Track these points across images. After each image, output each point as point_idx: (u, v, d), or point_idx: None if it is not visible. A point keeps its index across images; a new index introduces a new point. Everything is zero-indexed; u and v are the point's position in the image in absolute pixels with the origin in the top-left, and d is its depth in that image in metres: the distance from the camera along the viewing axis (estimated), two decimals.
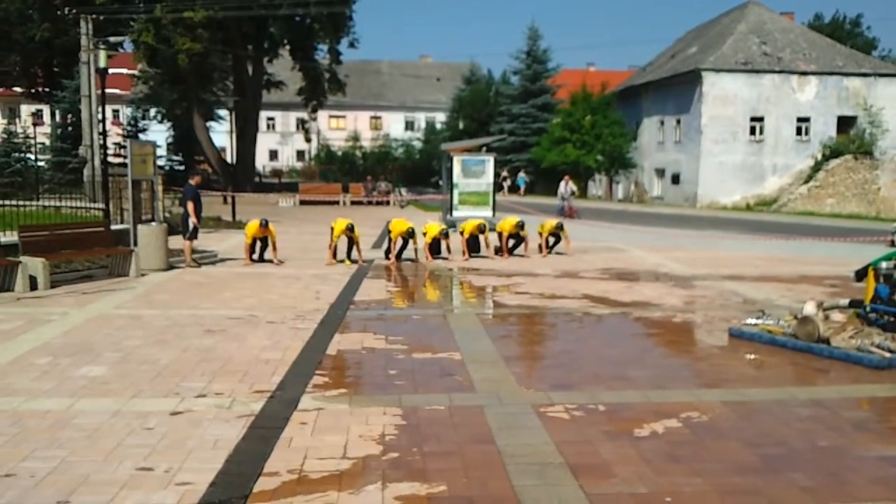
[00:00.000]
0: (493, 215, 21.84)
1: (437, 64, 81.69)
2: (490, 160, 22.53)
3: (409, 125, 76.78)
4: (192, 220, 14.70)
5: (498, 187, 37.14)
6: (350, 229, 15.81)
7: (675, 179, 44.48)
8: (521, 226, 17.31)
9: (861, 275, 9.96)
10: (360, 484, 4.82)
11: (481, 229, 17.25)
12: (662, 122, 46.66)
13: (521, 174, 36.47)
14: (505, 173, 40.20)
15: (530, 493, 4.69)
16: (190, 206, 14.75)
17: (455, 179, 22.17)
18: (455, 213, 22.00)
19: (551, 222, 18.36)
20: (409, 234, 16.18)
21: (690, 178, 42.70)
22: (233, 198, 27.93)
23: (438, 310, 11.16)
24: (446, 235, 16.70)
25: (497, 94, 57.21)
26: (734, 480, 4.97)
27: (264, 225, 15.56)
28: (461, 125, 56.05)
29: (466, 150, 24.07)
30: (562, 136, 45.47)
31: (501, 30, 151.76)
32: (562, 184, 33.34)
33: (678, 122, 44.50)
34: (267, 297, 11.72)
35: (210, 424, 5.86)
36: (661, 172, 46.59)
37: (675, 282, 14.13)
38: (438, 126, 67.62)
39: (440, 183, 27.85)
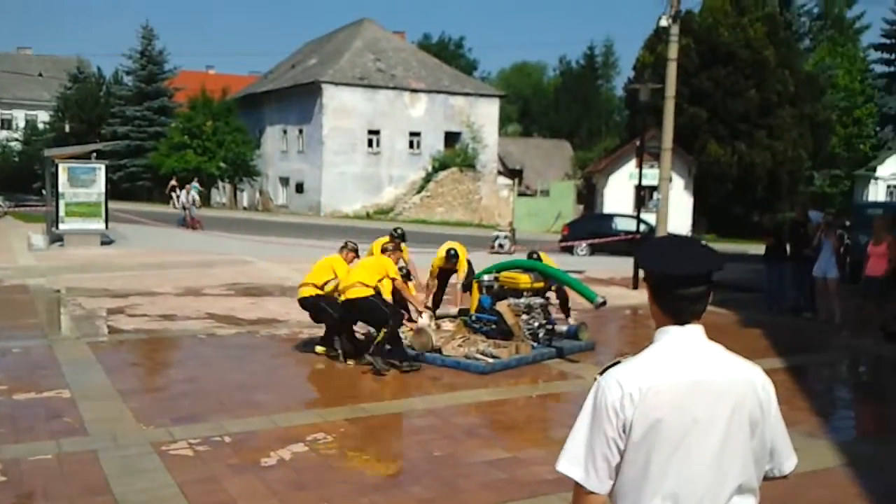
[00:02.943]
0: (107, 227, 20.39)
1: (39, 57, 73.60)
2: (101, 168, 20.87)
3: (6, 124, 68.37)
4: None
5: (167, 198, 34.67)
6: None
7: (300, 188, 45.23)
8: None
9: (466, 286, 10.94)
10: None
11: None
12: (285, 132, 47.13)
13: (195, 183, 33.97)
14: (174, 182, 37.66)
15: None
16: None
17: (61, 189, 20.16)
18: (62, 226, 20.08)
19: None
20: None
21: (314, 186, 43.69)
22: None
23: (42, 339, 9.99)
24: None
25: (109, 95, 53.40)
26: (359, 501, 5.10)
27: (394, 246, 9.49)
28: (67, 127, 51.31)
29: (74, 156, 22.04)
30: (182, 141, 43.79)
31: (112, 26, 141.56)
32: (182, 192, 31.94)
33: (301, 131, 45.27)
34: None
35: None
36: (285, 181, 47.04)
37: None
38: (41, 126, 61.21)
39: (44, 191, 25.15)
